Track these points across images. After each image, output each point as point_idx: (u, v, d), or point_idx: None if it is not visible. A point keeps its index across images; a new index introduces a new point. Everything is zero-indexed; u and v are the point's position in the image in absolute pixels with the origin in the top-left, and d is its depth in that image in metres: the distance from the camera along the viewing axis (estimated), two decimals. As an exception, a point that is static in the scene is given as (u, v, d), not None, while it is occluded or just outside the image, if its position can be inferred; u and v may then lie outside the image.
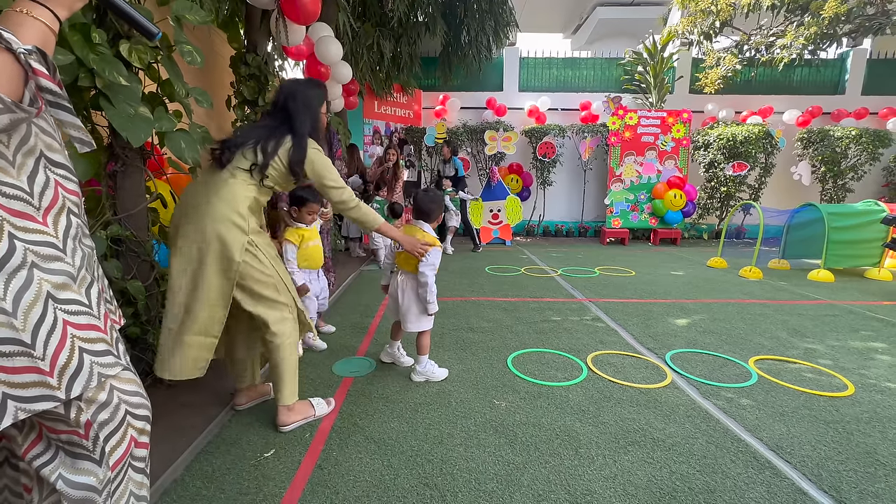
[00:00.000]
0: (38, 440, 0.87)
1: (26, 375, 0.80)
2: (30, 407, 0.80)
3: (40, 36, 0.84)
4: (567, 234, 8.30)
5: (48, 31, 0.86)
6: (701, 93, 8.14)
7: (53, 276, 0.87)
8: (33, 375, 0.81)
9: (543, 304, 3.66)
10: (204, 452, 1.65)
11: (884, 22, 6.86)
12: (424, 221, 2.20)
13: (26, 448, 0.86)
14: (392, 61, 6.17)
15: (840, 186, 7.89)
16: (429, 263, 2.09)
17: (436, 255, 2.11)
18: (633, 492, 1.46)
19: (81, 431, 0.86)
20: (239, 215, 1.59)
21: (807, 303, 3.83)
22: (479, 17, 6.31)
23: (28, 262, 0.82)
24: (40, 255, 0.84)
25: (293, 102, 1.75)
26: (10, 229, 0.81)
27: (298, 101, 1.76)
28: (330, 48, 3.85)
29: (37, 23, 0.83)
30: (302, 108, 1.76)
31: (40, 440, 0.87)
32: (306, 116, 1.77)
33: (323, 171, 1.76)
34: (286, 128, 1.73)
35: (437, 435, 1.78)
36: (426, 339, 2.24)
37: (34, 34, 0.83)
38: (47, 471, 0.86)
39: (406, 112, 7.77)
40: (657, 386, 2.21)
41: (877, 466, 1.61)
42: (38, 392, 0.81)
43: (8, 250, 0.80)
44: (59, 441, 0.87)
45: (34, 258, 0.83)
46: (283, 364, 1.74)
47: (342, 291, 3.96)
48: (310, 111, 1.79)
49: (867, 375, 2.37)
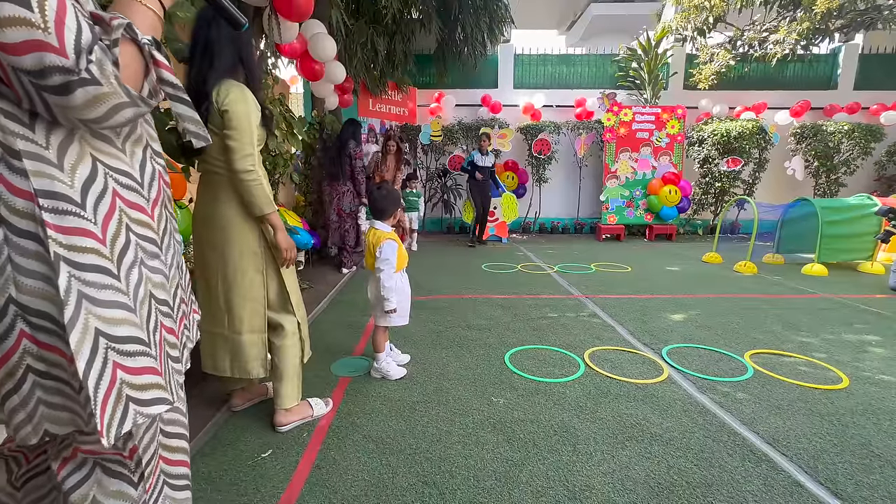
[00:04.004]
0: (70, 458, 0.80)
1: (145, 377, 0.76)
2: (147, 411, 0.76)
3: (151, 24, 0.80)
4: (563, 231, 8.31)
5: (157, 19, 0.82)
6: (695, 89, 8.15)
7: (154, 274, 0.84)
8: (152, 377, 0.77)
9: (540, 300, 3.66)
10: (201, 454, 1.64)
11: (875, 17, 6.90)
12: (379, 220, 2.20)
13: (59, 465, 0.79)
14: (386, 59, 6.13)
15: (833, 181, 7.94)
16: (382, 259, 2.10)
17: (388, 249, 2.10)
18: (632, 486, 1.46)
19: (126, 453, 0.80)
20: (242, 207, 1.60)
21: (801, 297, 3.86)
22: (474, 14, 6.28)
23: (139, 258, 0.79)
24: (147, 251, 0.81)
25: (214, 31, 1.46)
26: (128, 221, 0.78)
27: (220, 27, 1.47)
28: (324, 45, 3.82)
29: (148, 11, 0.79)
30: (225, 37, 1.47)
31: (72, 458, 0.80)
32: (229, 47, 1.48)
33: (234, 124, 1.45)
34: (207, 65, 1.45)
35: (435, 433, 1.77)
36: (380, 335, 2.23)
37: (146, 23, 0.78)
38: (78, 496, 0.79)
39: (401, 110, 7.74)
40: (654, 381, 2.21)
41: (872, 458, 1.62)
42: (154, 395, 0.78)
43: (125, 245, 0.76)
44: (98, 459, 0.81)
45: (142, 255, 0.80)
46: (285, 367, 1.74)
47: (339, 290, 3.95)
48: (235, 41, 1.49)
49: (861, 368, 2.39)
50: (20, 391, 0.68)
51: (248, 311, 1.65)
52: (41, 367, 0.69)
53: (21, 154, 0.65)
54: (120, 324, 0.73)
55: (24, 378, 0.68)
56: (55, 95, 0.62)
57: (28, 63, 0.59)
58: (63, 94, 0.62)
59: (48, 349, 0.68)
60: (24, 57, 0.59)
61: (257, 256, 1.63)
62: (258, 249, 1.63)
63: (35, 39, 0.58)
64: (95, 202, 0.72)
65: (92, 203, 0.71)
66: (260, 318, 1.68)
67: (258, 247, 1.63)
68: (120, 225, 0.76)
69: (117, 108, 0.67)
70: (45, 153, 0.67)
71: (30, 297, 0.66)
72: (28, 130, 0.65)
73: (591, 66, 8.52)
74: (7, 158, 0.64)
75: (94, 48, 0.63)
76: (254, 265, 1.63)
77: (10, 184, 0.64)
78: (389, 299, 2.12)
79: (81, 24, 0.62)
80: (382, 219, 2.19)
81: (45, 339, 0.68)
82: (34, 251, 0.66)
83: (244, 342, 1.66)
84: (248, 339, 1.67)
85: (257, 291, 1.66)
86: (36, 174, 0.65)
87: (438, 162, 8.10)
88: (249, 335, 1.67)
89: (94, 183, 0.72)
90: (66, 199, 0.68)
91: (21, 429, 0.70)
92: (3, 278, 0.65)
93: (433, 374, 2.30)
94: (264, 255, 1.65)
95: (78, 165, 0.70)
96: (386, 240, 2.12)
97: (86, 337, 0.68)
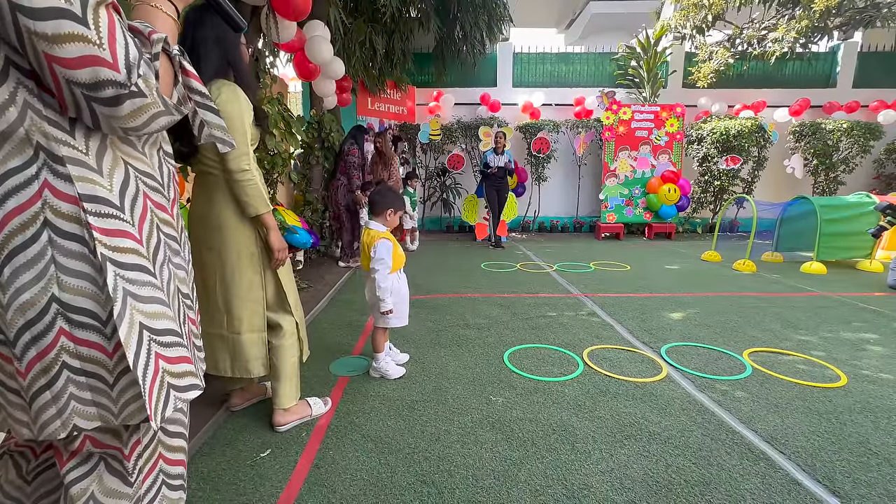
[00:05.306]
0: (77, 452, 0.82)
1: (181, 365, 0.82)
2: (184, 396, 0.82)
3: (171, 30, 0.82)
4: (562, 230, 8.31)
5: (175, 24, 0.84)
6: (694, 87, 8.15)
7: (179, 270, 0.89)
8: (186, 365, 0.83)
9: (539, 299, 3.67)
10: (200, 454, 1.64)
11: (874, 15, 6.90)
12: (373, 217, 2.19)
13: (66, 459, 0.82)
14: (385, 57, 6.12)
15: (832, 179, 7.94)
16: (377, 259, 2.09)
17: (382, 248, 2.09)
18: (630, 485, 1.47)
19: (126, 451, 0.82)
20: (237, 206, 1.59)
21: (800, 295, 3.86)
22: (473, 12, 6.27)
23: (167, 256, 0.84)
24: (171, 248, 0.86)
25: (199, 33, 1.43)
26: (157, 222, 0.83)
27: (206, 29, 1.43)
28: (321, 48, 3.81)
29: (168, 18, 0.82)
30: (211, 39, 1.43)
31: (79, 452, 0.82)
32: (215, 49, 1.44)
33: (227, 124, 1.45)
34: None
35: (433, 432, 1.77)
36: (380, 336, 2.23)
37: (166, 29, 0.81)
38: (78, 489, 0.81)
39: (400, 109, 7.73)
40: (653, 380, 2.22)
41: (869, 456, 1.62)
42: (189, 382, 0.84)
43: (157, 244, 0.81)
44: (102, 452, 0.84)
45: (169, 252, 0.85)
46: (283, 366, 1.74)
47: (338, 290, 3.95)
48: (221, 43, 1.46)
49: (860, 366, 2.39)
50: (53, 387, 0.71)
51: (247, 311, 1.65)
52: (76, 364, 0.72)
53: (65, 160, 0.68)
54: (159, 317, 0.78)
55: (58, 374, 0.71)
56: (105, 107, 0.66)
57: (84, 77, 0.63)
58: (113, 105, 0.66)
59: (86, 345, 0.72)
60: (80, 71, 0.62)
61: (255, 257, 1.63)
62: (255, 250, 1.62)
63: (91, 55, 0.62)
64: (131, 205, 0.76)
65: (129, 206, 0.76)
66: (259, 318, 1.68)
67: (255, 247, 1.62)
68: (152, 226, 0.80)
69: (155, 117, 0.72)
70: (86, 159, 0.71)
71: (72, 295, 0.70)
72: (70, 137, 0.69)
73: (590, 65, 8.51)
74: (51, 164, 0.68)
75: (141, 63, 0.67)
76: (252, 266, 1.63)
77: (56, 188, 0.68)
78: (385, 300, 2.10)
79: (129, 39, 0.66)
80: (375, 213, 2.17)
81: (83, 336, 0.71)
82: (78, 252, 0.70)
83: (244, 342, 1.66)
84: (248, 339, 1.67)
85: (256, 292, 1.66)
86: (79, 179, 0.69)
87: (437, 161, 8.09)
88: (249, 335, 1.67)
89: (128, 186, 0.76)
90: (108, 203, 0.72)
91: (49, 424, 0.72)
92: (46, 278, 0.68)
93: (432, 373, 2.30)
94: (261, 255, 1.65)
95: (115, 170, 0.75)
96: (380, 239, 2.11)
97: (132, 330, 0.73)
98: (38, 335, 0.69)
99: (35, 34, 0.59)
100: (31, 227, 0.67)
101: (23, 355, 0.69)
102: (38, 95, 0.66)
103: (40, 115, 0.66)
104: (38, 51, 0.60)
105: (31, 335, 0.69)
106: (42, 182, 0.67)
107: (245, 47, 1.61)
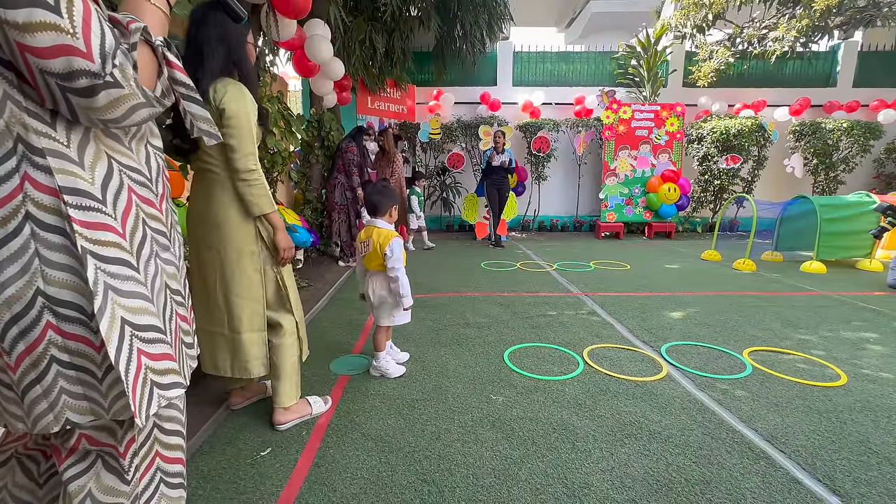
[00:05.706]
0: (74, 450, 0.82)
1: (164, 362, 0.81)
2: (167, 394, 0.81)
3: (160, 23, 0.81)
4: (562, 229, 8.31)
5: (165, 17, 0.83)
6: (694, 86, 8.14)
7: (168, 266, 0.88)
8: (168, 363, 0.82)
9: (539, 298, 3.66)
10: (200, 452, 1.64)
11: (874, 14, 6.89)
12: (378, 216, 2.18)
13: (64, 457, 0.82)
14: (385, 56, 6.11)
15: (832, 178, 7.94)
16: (394, 258, 2.08)
17: (398, 248, 2.10)
18: (630, 484, 1.47)
19: (121, 449, 0.82)
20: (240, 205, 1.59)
21: (800, 294, 3.86)
22: (473, 11, 6.26)
23: (154, 251, 0.84)
24: (159, 243, 0.86)
25: (203, 31, 1.43)
26: (143, 216, 0.82)
27: (210, 27, 1.43)
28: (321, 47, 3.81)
29: (157, 10, 0.81)
30: (215, 38, 1.43)
31: (76, 450, 0.83)
32: (220, 48, 1.44)
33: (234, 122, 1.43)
34: (198, 66, 1.42)
35: (434, 431, 1.77)
36: (382, 335, 2.23)
37: (154, 22, 0.80)
38: (76, 486, 0.81)
39: (400, 107, 7.72)
40: (653, 379, 2.22)
41: (870, 455, 1.62)
42: (171, 379, 0.83)
43: (142, 239, 0.81)
44: (98, 450, 0.84)
45: (157, 248, 0.85)
46: (284, 365, 1.74)
47: (338, 289, 3.94)
48: (225, 41, 1.45)
49: (860, 365, 2.39)
50: (43, 381, 0.71)
51: (247, 310, 1.64)
52: (65, 358, 0.72)
53: (44, 152, 0.67)
54: (141, 313, 0.77)
55: (47, 368, 0.71)
56: (80, 97, 0.65)
57: (57, 66, 0.62)
58: (88, 96, 0.65)
59: (73, 339, 0.71)
60: (53, 60, 0.61)
61: (255, 256, 1.62)
62: (255, 248, 1.62)
63: (64, 44, 0.61)
64: (114, 198, 0.75)
65: (111, 199, 0.75)
66: (259, 318, 1.68)
67: (255, 246, 1.62)
68: (137, 220, 0.79)
69: (134, 109, 0.71)
70: (67, 151, 0.70)
71: (57, 289, 0.69)
72: (51, 129, 0.68)
73: (590, 64, 8.50)
74: (30, 156, 0.67)
75: (117, 52, 0.66)
76: (252, 265, 1.63)
77: (36, 181, 0.67)
78: (406, 295, 2.13)
79: (105, 28, 0.65)
80: (380, 213, 2.17)
81: (70, 329, 0.71)
82: (60, 244, 0.69)
83: (244, 341, 1.66)
84: (249, 338, 1.66)
85: (256, 291, 1.65)
86: (59, 171, 0.68)
87: (437, 160, 8.09)
88: (249, 334, 1.66)
89: (111, 180, 0.75)
90: (89, 196, 0.71)
91: (42, 418, 0.72)
92: (30, 271, 0.68)
93: (432, 372, 2.30)
94: (261, 254, 1.64)
95: (97, 163, 0.74)
96: (394, 238, 2.11)
97: (113, 325, 0.72)
98: (25, 329, 0.69)
99: (7, 23, 0.58)
100: (13, 221, 0.66)
101: (12, 350, 0.69)
102: (18, 87, 0.65)
103: (20, 106, 0.65)
104: (11, 40, 0.59)
105: (19, 329, 0.68)
106: (23, 175, 0.66)
107: (252, 46, 1.60)
